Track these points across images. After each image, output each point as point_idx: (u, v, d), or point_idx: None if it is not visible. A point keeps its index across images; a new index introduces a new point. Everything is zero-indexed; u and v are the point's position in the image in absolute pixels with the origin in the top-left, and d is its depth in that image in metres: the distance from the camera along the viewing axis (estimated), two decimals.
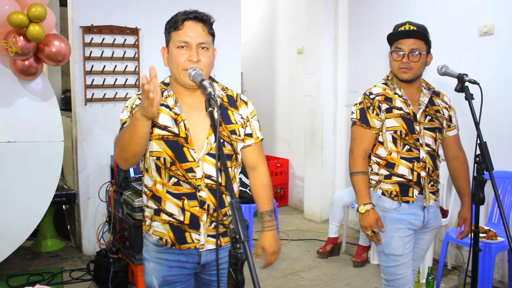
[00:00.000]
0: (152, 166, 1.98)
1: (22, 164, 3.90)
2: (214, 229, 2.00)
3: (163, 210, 1.98)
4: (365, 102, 2.60)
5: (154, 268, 2.04)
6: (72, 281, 4.11)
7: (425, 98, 2.64)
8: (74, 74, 4.53)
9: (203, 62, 1.91)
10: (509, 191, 3.93)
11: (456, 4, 4.35)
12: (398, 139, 2.56)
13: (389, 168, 2.58)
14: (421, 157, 2.57)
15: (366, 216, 2.53)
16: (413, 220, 2.59)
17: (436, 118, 2.64)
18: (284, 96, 6.72)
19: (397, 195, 2.58)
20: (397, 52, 2.55)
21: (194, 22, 1.93)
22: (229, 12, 5.23)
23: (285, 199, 6.63)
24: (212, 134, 1.96)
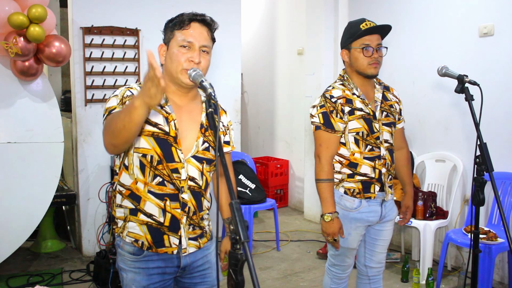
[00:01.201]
0: (136, 163, 1.92)
1: (22, 165, 3.90)
2: (192, 232, 1.99)
3: (141, 210, 1.93)
4: (327, 105, 2.59)
5: (133, 279, 1.97)
6: (72, 282, 4.11)
7: (379, 94, 2.69)
8: (74, 75, 4.53)
9: (203, 65, 1.91)
10: (509, 192, 3.93)
11: (456, 5, 4.35)
12: (360, 140, 2.60)
13: (352, 167, 2.63)
14: (381, 155, 2.63)
15: (331, 225, 2.58)
16: (371, 218, 2.68)
17: (391, 113, 2.71)
18: (284, 97, 6.72)
19: (359, 192, 2.64)
20: (366, 49, 2.57)
21: (200, 24, 1.93)
22: (229, 13, 5.24)
23: (285, 200, 6.63)
24: (201, 137, 1.98)
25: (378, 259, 2.83)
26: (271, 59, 6.91)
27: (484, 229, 3.70)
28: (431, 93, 4.60)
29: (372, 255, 2.82)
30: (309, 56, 5.87)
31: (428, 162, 4.57)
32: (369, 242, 2.80)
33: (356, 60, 2.60)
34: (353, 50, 2.60)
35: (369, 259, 2.83)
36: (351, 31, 2.61)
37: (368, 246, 2.81)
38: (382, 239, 2.79)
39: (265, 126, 7.10)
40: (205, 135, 1.99)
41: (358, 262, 2.90)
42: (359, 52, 2.58)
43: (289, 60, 6.58)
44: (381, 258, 2.84)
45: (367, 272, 2.86)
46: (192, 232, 1.99)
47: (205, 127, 2.00)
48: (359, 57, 2.59)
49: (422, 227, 4.05)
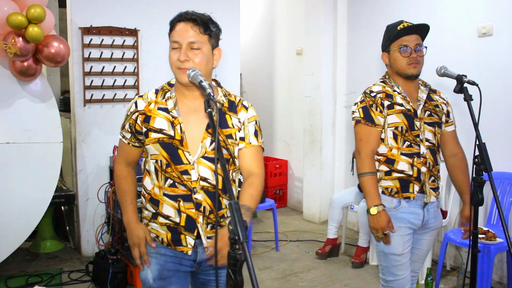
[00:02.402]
0: (152, 169, 2.03)
1: (21, 165, 3.90)
2: (211, 231, 2.02)
3: (160, 213, 2.02)
4: (367, 100, 2.59)
5: (150, 262, 2.07)
6: (71, 282, 4.11)
7: (423, 95, 2.65)
8: (73, 75, 4.53)
9: (196, 62, 1.94)
10: (508, 192, 3.93)
11: (455, 5, 4.35)
12: (399, 135, 2.56)
13: (389, 164, 2.58)
14: (421, 153, 2.57)
15: (378, 218, 2.50)
16: (412, 219, 2.58)
17: (435, 112, 2.65)
18: (283, 97, 6.72)
19: (398, 191, 2.56)
20: (404, 49, 2.56)
21: (184, 22, 1.96)
22: (228, 13, 5.23)
23: (284, 200, 6.63)
24: (208, 137, 1.99)
25: (413, 268, 2.72)
26: (270, 59, 6.91)
27: (483, 229, 3.70)
28: None
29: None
30: (308, 56, 5.87)
31: None
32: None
33: (395, 61, 2.60)
34: (392, 51, 2.60)
35: None
36: (389, 33, 2.61)
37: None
38: (420, 248, 2.70)
39: (264, 126, 7.08)
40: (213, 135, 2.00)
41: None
42: (397, 53, 2.58)
43: (288, 60, 6.58)
44: (416, 267, 2.75)
45: None
46: (210, 231, 2.01)
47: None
48: (398, 58, 2.58)
49: None
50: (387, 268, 2.62)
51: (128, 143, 2.07)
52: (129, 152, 2.10)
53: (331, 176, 5.84)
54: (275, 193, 6.53)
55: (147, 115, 2.00)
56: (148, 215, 2.07)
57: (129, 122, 2.04)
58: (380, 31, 2.82)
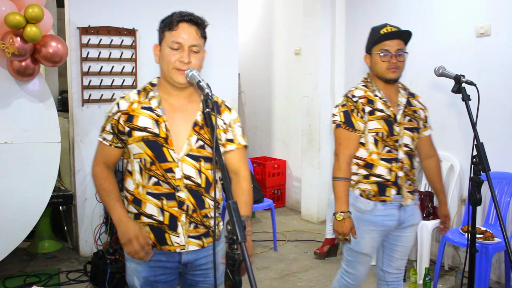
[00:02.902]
0: (136, 169, 2.02)
1: (19, 165, 3.90)
2: (194, 230, 2.02)
3: (143, 213, 2.01)
4: (349, 104, 2.62)
5: (135, 269, 2.07)
6: (69, 282, 4.10)
7: (403, 99, 2.69)
8: (71, 75, 4.53)
9: (193, 64, 1.96)
10: (506, 192, 3.94)
11: (453, 5, 4.36)
12: (379, 140, 2.60)
13: (368, 168, 2.62)
14: (399, 158, 2.62)
15: (342, 224, 2.57)
16: (386, 222, 2.64)
17: (414, 118, 2.70)
18: (282, 97, 6.72)
19: (375, 194, 2.61)
20: (384, 53, 2.57)
21: (188, 24, 1.97)
22: (227, 13, 5.23)
23: (282, 200, 6.63)
24: (194, 135, 2.01)
25: (397, 265, 2.78)
26: (268, 59, 6.91)
27: (481, 229, 3.71)
28: (428, 93, 4.59)
29: (390, 260, 2.78)
30: (306, 56, 5.87)
31: None
32: (387, 247, 2.77)
33: (375, 65, 2.62)
34: (373, 54, 2.62)
35: (386, 264, 2.79)
36: (372, 36, 2.63)
37: (387, 251, 2.78)
38: (401, 245, 2.74)
39: (262, 126, 7.09)
40: (200, 133, 2.02)
41: (376, 267, 2.87)
42: (378, 57, 2.59)
43: (286, 60, 6.57)
44: (400, 265, 2.80)
45: (384, 277, 2.82)
46: (194, 230, 2.02)
47: (200, 126, 2.02)
48: (378, 62, 2.60)
49: (419, 227, 4.05)
50: (351, 262, 2.74)
51: (110, 144, 2.05)
52: (110, 153, 2.08)
53: (329, 176, 5.77)
54: (274, 193, 6.53)
55: (130, 114, 2.00)
56: (131, 217, 2.05)
57: (111, 123, 2.03)
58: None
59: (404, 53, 2.61)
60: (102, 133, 2.07)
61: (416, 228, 2.79)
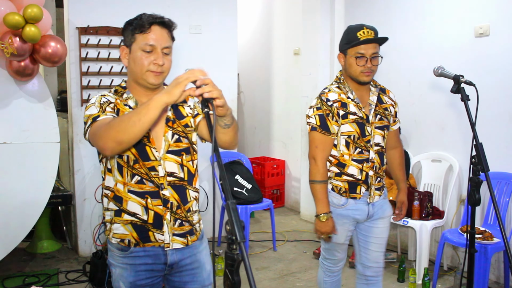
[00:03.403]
0: (115, 166, 2.01)
1: (18, 165, 3.89)
2: (179, 228, 2.04)
3: (125, 210, 2.00)
4: (324, 109, 2.66)
5: (120, 274, 2.04)
6: (68, 283, 4.10)
7: (374, 97, 2.74)
8: (70, 75, 4.52)
9: (166, 65, 1.98)
10: (504, 192, 3.94)
11: (452, 6, 4.36)
12: (351, 143, 2.67)
13: (340, 167, 2.70)
14: (370, 158, 2.69)
15: (326, 224, 2.66)
16: (357, 216, 2.74)
17: (385, 116, 2.75)
18: (281, 97, 6.72)
19: (346, 191, 2.70)
20: (360, 58, 2.59)
21: (160, 27, 2.00)
22: (226, 13, 5.23)
23: (281, 200, 6.63)
24: (168, 131, 2.02)
25: (374, 258, 2.83)
26: (267, 59, 6.91)
27: (480, 229, 3.71)
28: (427, 93, 4.61)
29: (367, 253, 2.83)
30: (305, 56, 5.87)
31: (424, 162, 4.58)
32: (362, 239, 2.84)
33: (350, 67, 2.64)
34: (348, 56, 2.64)
35: (364, 257, 2.85)
36: (348, 37, 2.63)
37: (362, 244, 2.84)
38: (374, 237, 2.81)
39: (262, 126, 7.09)
40: (173, 128, 2.04)
41: (356, 261, 2.93)
42: (353, 60, 2.61)
43: (285, 61, 6.58)
44: (377, 257, 2.84)
45: (364, 271, 2.87)
46: (179, 228, 2.04)
47: (172, 120, 2.05)
48: (353, 65, 2.62)
49: (418, 227, 4.06)
50: (328, 250, 2.88)
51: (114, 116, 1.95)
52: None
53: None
54: (273, 193, 6.53)
55: (118, 108, 2.00)
56: (111, 215, 2.04)
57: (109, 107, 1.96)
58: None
59: (379, 57, 2.63)
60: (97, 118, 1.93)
61: (389, 220, 2.86)
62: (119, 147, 1.84)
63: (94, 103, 1.99)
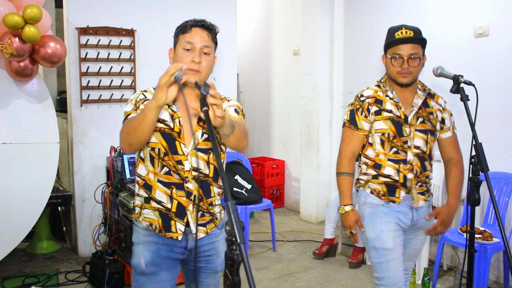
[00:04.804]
0: (148, 156, 2.16)
1: (17, 166, 3.89)
2: (201, 218, 2.18)
3: (153, 198, 2.16)
4: (355, 104, 2.67)
5: (143, 249, 2.18)
6: (68, 283, 4.10)
7: (419, 100, 2.65)
8: (70, 76, 4.52)
9: (203, 65, 2.11)
10: (504, 192, 3.94)
11: (451, 6, 4.36)
12: (386, 141, 2.60)
13: (376, 168, 2.64)
14: (408, 159, 2.60)
15: (346, 217, 2.63)
16: (402, 217, 2.62)
17: (429, 120, 2.65)
18: (280, 98, 6.72)
19: (385, 194, 2.63)
20: (395, 58, 2.56)
21: (201, 28, 2.14)
22: (225, 13, 5.23)
23: (281, 200, 6.63)
24: (199, 129, 2.16)
25: (405, 266, 2.74)
26: (267, 59, 6.91)
27: (479, 229, 3.71)
28: None
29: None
30: (305, 57, 5.87)
31: None
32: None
33: (388, 67, 2.63)
34: (388, 57, 2.62)
35: None
36: (388, 37, 2.62)
37: None
38: (411, 247, 2.75)
39: (261, 126, 7.09)
40: (204, 128, 2.17)
41: None
42: (389, 60, 2.59)
43: (285, 61, 6.57)
44: (408, 266, 2.79)
45: None
46: (200, 218, 2.18)
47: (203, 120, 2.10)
48: (390, 65, 2.60)
49: None
50: (379, 264, 2.61)
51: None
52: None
53: (328, 176, 5.84)
54: (272, 193, 6.53)
55: None
56: (140, 201, 2.20)
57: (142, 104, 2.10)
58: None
59: (419, 58, 2.57)
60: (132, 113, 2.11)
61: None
62: (130, 148, 2.08)
63: (132, 100, 2.18)
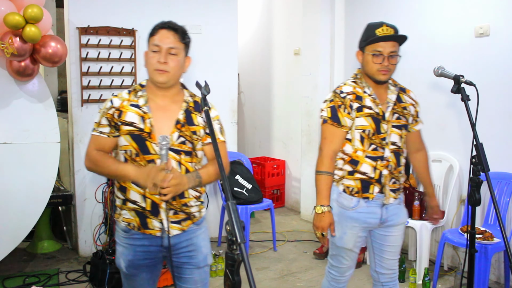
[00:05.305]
0: (121, 159, 2.24)
1: (18, 165, 3.89)
2: (174, 216, 2.22)
3: (128, 199, 2.23)
4: (336, 100, 2.61)
5: (122, 252, 2.29)
6: (68, 283, 4.10)
7: (393, 96, 2.67)
8: (71, 75, 4.52)
9: (171, 65, 2.18)
10: (505, 192, 3.94)
11: (452, 6, 4.36)
12: (365, 138, 2.60)
13: (353, 164, 2.63)
14: (385, 156, 2.62)
15: (321, 218, 2.57)
16: (369, 219, 2.65)
17: (403, 115, 2.68)
18: (281, 98, 6.72)
19: (358, 191, 2.62)
20: (377, 55, 2.55)
21: (167, 30, 2.21)
22: (226, 13, 5.22)
23: (281, 200, 6.63)
24: (175, 131, 2.21)
25: (389, 265, 2.78)
26: (267, 59, 6.91)
27: (480, 229, 3.71)
28: (427, 94, 4.60)
29: (381, 261, 2.78)
30: (305, 56, 5.87)
31: None
32: (376, 247, 2.77)
33: (366, 64, 2.60)
34: (366, 54, 2.59)
35: (379, 265, 2.79)
36: (367, 34, 2.59)
37: (377, 252, 2.78)
38: (389, 245, 2.75)
39: (262, 126, 7.09)
40: (181, 130, 2.23)
41: (370, 268, 2.88)
42: (370, 57, 2.57)
43: (285, 60, 6.57)
44: (391, 264, 2.80)
45: (379, 278, 2.82)
46: (174, 216, 2.22)
47: (182, 124, 2.24)
48: (369, 62, 2.58)
49: (418, 227, 4.06)
50: (335, 257, 2.77)
51: (108, 136, 2.23)
52: (105, 144, 2.25)
53: None
54: (273, 193, 6.53)
55: (121, 110, 2.22)
56: (119, 202, 2.28)
57: (107, 117, 2.22)
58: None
59: (397, 56, 2.58)
60: (98, 128, 2.25)
61: (403, 227, 2.80)
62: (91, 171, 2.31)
63: (102, 110, 2.27)
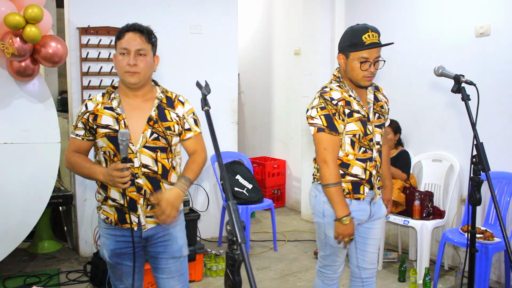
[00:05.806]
0: (102, 159, 2.37)
1: (18, 166, 3.89)
2: (150, 211, 2.34)
3: (109, 197, 2.36)
4: (329, 108, 2.55)
5: (104, 242, 2.43)
6: (69, 283, 4.10)
7: (371, 95, 2.69)
8: (71, 75, 4.53)
9: (140, 66, 2.27)
10: (505, 192, 3.94)
11: (452, 5, 4.36)
12: (356, 142, 2.60)
13: (344, 168, 2.63)
14: (373, 157, 2.65)
15: (349, 226, 2.56)
16: (360, 216, 2.68)
17: (382, 114, 2.71)
18: (281, 97, 6.72)
19: (349, 192, 2.64)
20: (364, 63, 2.51)
21: (133, 32, 2.29)
22: (226, 13, 5.22)
23: (282, 200, 6.63)
24: (148, 129, 2.31)
25: (370, 260, 2.81)
26: (268, 59, 6.91)
27: (480, 229, 3.71)
28: (427, 93, 4.61)
29: (364, 256, 2.79)
30: (305, 56, 5.87)
31: (425, 162, 4.58)
32: (359, 241, 2.79)
33: (352, 70, 2.55)
34: (351, 59, 2.54)
35: (361, 260, 2.81)
36: (353, 40, 2.52)
37: (359, 246, 2.79)
38: (372, 238, 2.78)
39: (262, 126, 7.10)
40: (154, 127, 2.33)
41: (351, 264, 2.88)
42: (356, 64, 2.52)
43: (285, 60, 6.58)
44: (373, 259, 2.83)
45: (360, 274, 2.83)
46: (150, 211, 2.34)
47: (154, 120, 2.33)
48: (356, 69, 2.53)
49: (419, 227, 4.06)
50: (330, 256, 2.79)
51: (82, 139, 2.37)
52: (81, 146, 2.39)
53: None
54: (273, 193, 6.53)
55: (96, 114, 2.33)
56: (101, 198, 2.41)
57: (82, 121, 2.35)
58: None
59: (381, 60, 2.56)
60: (75, 131, 2.39)
61: (384, 220, 2.85)
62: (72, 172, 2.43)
63: (81, 110, 2.39)
